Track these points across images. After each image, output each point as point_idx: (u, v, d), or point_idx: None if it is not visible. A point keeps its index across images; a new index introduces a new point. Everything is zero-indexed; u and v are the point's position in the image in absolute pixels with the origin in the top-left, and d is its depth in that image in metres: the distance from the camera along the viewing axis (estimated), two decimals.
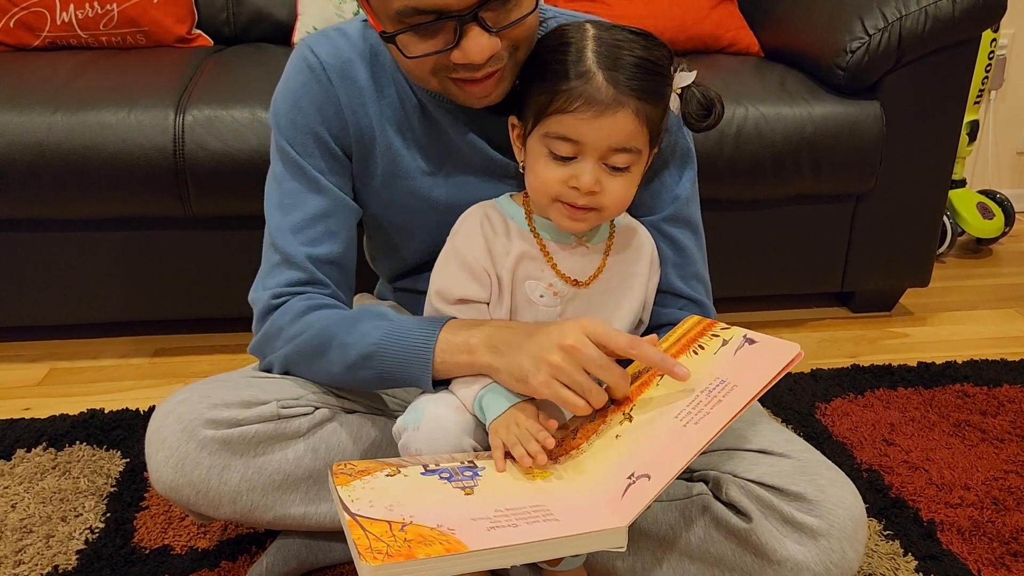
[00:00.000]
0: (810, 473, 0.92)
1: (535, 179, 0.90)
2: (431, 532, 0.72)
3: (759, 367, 0.82)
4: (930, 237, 1.79)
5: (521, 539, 0.72)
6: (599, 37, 0.87)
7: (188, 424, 0.89)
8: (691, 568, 0.95)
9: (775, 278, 1.76)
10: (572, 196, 0.88)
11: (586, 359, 0.82)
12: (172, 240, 1.57)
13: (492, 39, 0.84)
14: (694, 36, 1.88)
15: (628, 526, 0.75)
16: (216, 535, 1.14)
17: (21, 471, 1.27)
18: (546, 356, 0.82)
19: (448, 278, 0.95)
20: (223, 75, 1.62)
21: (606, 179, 0.88)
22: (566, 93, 0.85)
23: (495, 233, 0.95)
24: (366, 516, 0.74)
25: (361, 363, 0.92)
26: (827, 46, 1.65)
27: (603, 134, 0.85)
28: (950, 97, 1.67)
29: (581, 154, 0.87)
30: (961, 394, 1.50)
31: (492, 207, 0.97)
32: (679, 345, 0.92)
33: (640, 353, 0.84)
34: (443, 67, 0.88)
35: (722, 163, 1.57)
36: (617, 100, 0.85)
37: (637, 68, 0.85)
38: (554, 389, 0.83)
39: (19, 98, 1.48)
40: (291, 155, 0.98)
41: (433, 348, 0.89)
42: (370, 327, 0.92)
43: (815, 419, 1.43)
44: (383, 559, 0.68)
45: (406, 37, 0.85)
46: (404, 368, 0.90)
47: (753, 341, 0.86)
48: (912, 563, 1.10)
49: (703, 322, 0.95)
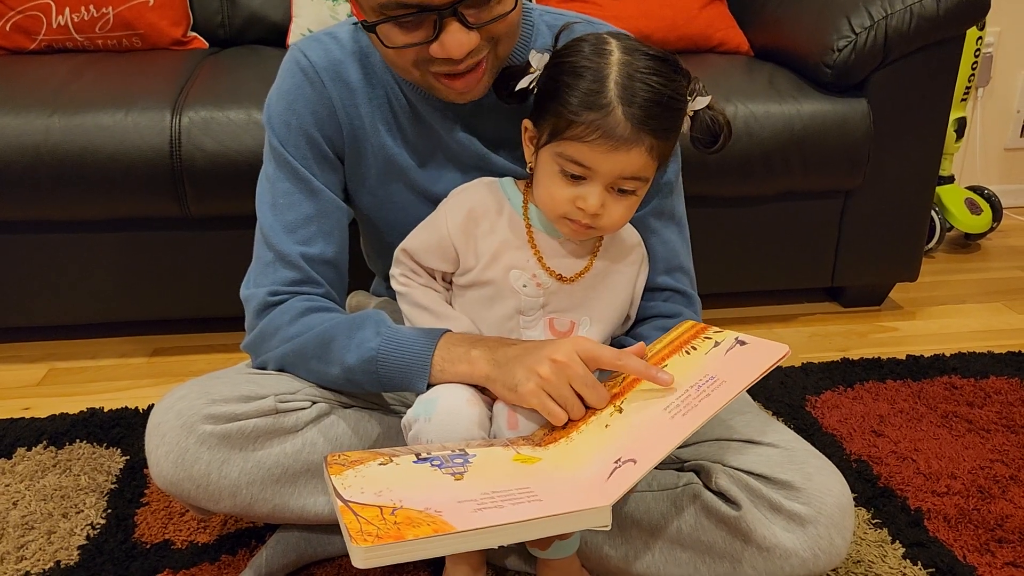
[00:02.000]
0: (798, 462, 0.94)
1: (544, 193, 0.93)
2: (419, 515, 0.74)
3: (747, 365, 0.85)
4: (919, 233, 1.81)
5: (506, 519, 0.74)
6: (622, 66, 0.86)
7: (187, 419, 0.91)
8: (682, 556, 0.97)
9: (766, 274, 1.78)
10: (577, 215, 0.91)
11: (573, 375, 0.86)
12: (170, 241, 1.59)
13: (471, 34, 0.86)
14: (684, 36, 1.90)
15: (612, 506, 0.77)
16: (216, 529, 1.16)
17: (22, 469, 1.29)
18: (537, 368, 0.86)
19: (416, 237, 1.00)
20: (219, 77, 1.63)
21: (611, 202, 0.90)
22: (584, 124, 0.86)
23: (485, 212, 0.97)
24: (357, 502, 0.76)
25: (360, 368, 0.93)
26: (815, 45, 1.67)
27: (617, 167, 0.87)
28: (936, 94, 1.69)
29: (591, 178, 0.89)
30: (949, 386, 1.52)
31: (495, 184, 0.99)
32: (672, 346, 0.95)
33: (625, 365, 0.88)
34: (423, 60, 0.89)
35: (712, 160, 1.59)
36: (633, 138, 0.86)
37: (657, 105, 0.86)
38: (540, 399, 0.86)
39: (16, 101, 1.50)
40: (284, 156, 1.00)
41: (432, 357, 0.91)
42: (370, 333, 0.93)
43: (805, 412, 1.45)
44: (373, 540, 0.70)
45: (387, 28, 0.87)
46: (403, 375, 0.92)
47: (744, 342, 0.89)
48: (899, 550, 1.13)
49: (696, 326, 0.98)
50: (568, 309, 0.99)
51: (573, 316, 0.99)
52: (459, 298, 1.00)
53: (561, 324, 0.99)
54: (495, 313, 0.98)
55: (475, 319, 0.99)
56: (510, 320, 0.98)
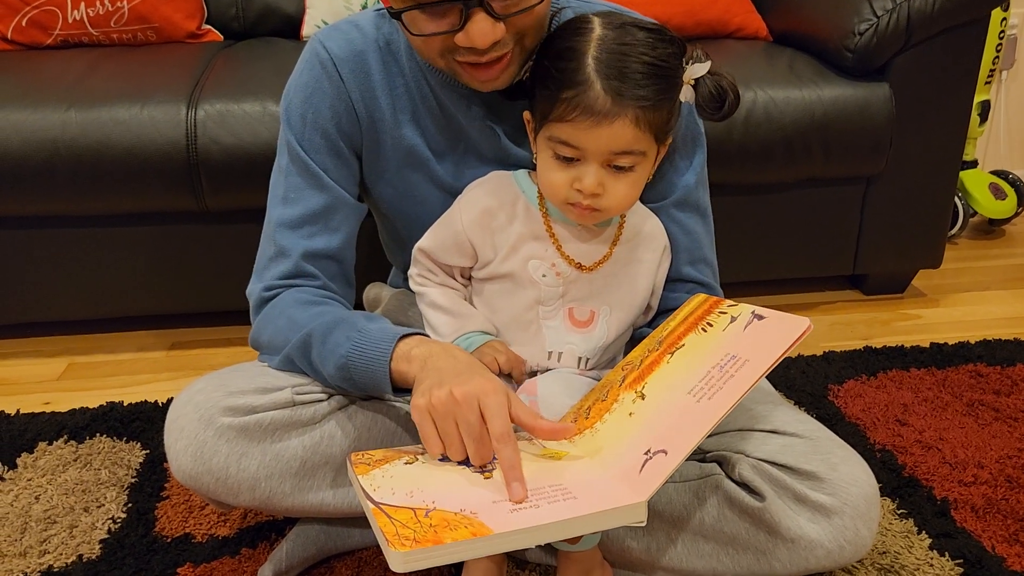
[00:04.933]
0: (822, 452, 0.93)
1: (544, 180, 0.92)
2: (455, 517, 0.73)
3: (769, 342, 0.82)
4: (942, 218, 1.78)
5: (544, 519, 0.73)
6: (603, 41, 0.86)
7: (205, 412, 0.90)
8: (705, 547, 0.96)
9: (786, 262, 1.76)
10: (577, 198, 0.89)
11: (460, 418, 0.80)
12: (186, 234, 1.59)
13: (497, 25, 0.85)
14: (702, 22, 1.88)
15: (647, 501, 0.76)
16: (236, 523, 1.16)
17: (44, 463, 1.29)
18: (435, 391, 0.80)
19: (433, 235, 0.99)
20: (234, 70, 1.63)
21: (610, 180, 0.89)
22: (565, 102, 0.85)
23: (500, 206, 0.96)
24: (389, 504, 0.75)
25: (338, 376, 0.91)
26: (835, 28, 1.65)
27: (602, 142, 0.86)
28: (960, 78, 1.66)
29: (583, 158, 0.88)
30: (974, 374, 1.50)
31: (508, 178, 0.99)
32: (687, 323, 0.92)
33: (533, 431, 0.83)
34: (449, 49, 0.88)
35: (732, 148, 1.58)
36: (614, 110, 0.84)
37: (640, 75, 0.85)
38: (421, 419, 0.81)
39: (33, 96, 1.50)
40: (297, 151, 0.99)
41: (389, 362, 0.87)
42: (340, 338, 0.90)
43: (828, 401, 1.43)
44: (411, 545, 0.69)
45: (414, 15, 0.86)
46: (372, 379, 0.89)
47: (762, 317, 0.87)
48: (926, 541, 1.11)
49: (709, 300, 0.95)
50: (587, 298, 0.98)
51: (592, 305, 0.98)
52: (478, 291, 1.00)
53: (581, 314, 0.98)
54: (515, 304, 0.97)
55: (495, 311, 0.98)
56: (530, 311, 0.97)
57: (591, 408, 0.88)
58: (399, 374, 0.88)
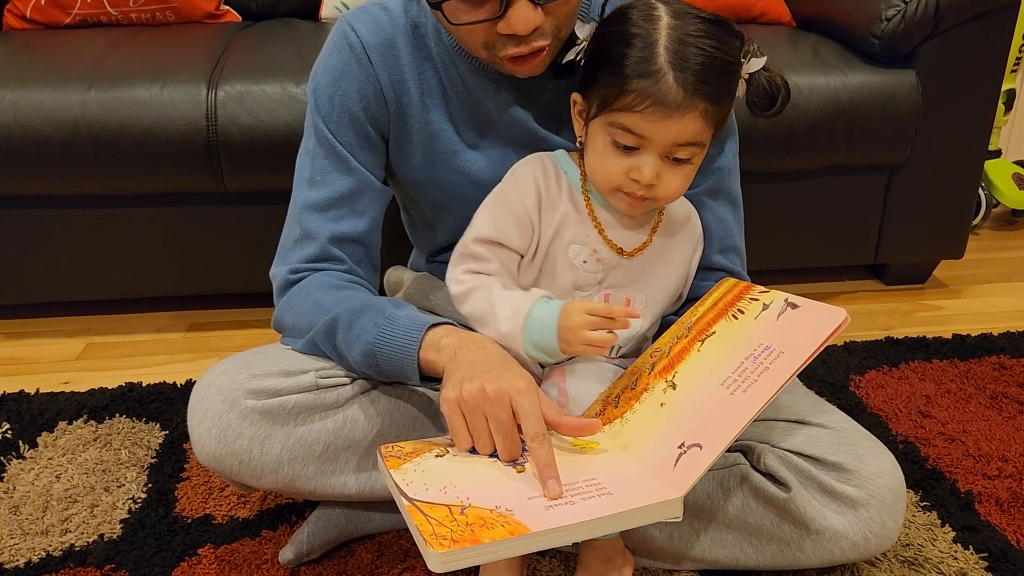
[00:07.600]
0: (848, 443, 0.92)
1: (597, 166, 0.90)
2: (491, 515, 0.72)
3: (805, 333, 0.80)
4: (965, 209, 1.76)
5: (581, 517, 0.72)
6: (672, 30, 0.84)
7: (229, 395, 0.90)
8: (729, 538, 0.95)
9: (808, 250, 1.75)
10: (632, 187, 0.88)
11: (491, 413, 0.79)
12: (206, 215, 1.58)
13: (537, 11, 0.84)
14: (726, 6, 1.86)
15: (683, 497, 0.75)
16: (256, 505, 1.16)
17: (64, 443, 1.30)
18: (466, 384, 0.80)
19: (490, 220, 0.94)
20: (253, 50, 1.62)
21: (667, 171, 0.87)
22: (635, 92, 0.83)
23: (548, 183, 0.94)
24: (424, 500, 0.74)
25: (364, 362, 0.91)
26: (861, 14, 1.62)
27: (670, 134, 0.85)
28: (987, 66, 1.63)
29: (644, 148, 0.86)
30: (998, 366, 1.49)
31: (549, 159, 0.97)
32: (716, 309, 0.91)
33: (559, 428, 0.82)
34: (492, 41, 0.88)
35: (756, 134, 1.56)
36: (687, 104, 0.83)
37: (709, 69, 0.83)
38: (451, 413, 0.81)
39: (53, 76, 1.49)
40: (324, 133, 0.99)
41: (418, 351, 0.87)
42: (368, 323, 0.90)
43: (849, 391, 1.42)
44: (449, 545, 0.68)
45: (453, 5, 0.85)
46: (399, 367, 0.89)
47: (796, 306, 0.85)
48: (949, 534, 1.10)
49: (739, 285, 0.94)
50: (625, 285, 0.97)
51: (629, 292, 0.97)
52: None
53: (617, 300, 0.96)
54: (551, 289, 0.95)
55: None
56: (566, 295, 0.96)
57: (620, 396, 0.87)
58: (427, 363, 0.87)
